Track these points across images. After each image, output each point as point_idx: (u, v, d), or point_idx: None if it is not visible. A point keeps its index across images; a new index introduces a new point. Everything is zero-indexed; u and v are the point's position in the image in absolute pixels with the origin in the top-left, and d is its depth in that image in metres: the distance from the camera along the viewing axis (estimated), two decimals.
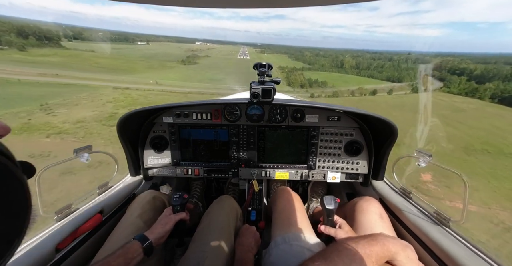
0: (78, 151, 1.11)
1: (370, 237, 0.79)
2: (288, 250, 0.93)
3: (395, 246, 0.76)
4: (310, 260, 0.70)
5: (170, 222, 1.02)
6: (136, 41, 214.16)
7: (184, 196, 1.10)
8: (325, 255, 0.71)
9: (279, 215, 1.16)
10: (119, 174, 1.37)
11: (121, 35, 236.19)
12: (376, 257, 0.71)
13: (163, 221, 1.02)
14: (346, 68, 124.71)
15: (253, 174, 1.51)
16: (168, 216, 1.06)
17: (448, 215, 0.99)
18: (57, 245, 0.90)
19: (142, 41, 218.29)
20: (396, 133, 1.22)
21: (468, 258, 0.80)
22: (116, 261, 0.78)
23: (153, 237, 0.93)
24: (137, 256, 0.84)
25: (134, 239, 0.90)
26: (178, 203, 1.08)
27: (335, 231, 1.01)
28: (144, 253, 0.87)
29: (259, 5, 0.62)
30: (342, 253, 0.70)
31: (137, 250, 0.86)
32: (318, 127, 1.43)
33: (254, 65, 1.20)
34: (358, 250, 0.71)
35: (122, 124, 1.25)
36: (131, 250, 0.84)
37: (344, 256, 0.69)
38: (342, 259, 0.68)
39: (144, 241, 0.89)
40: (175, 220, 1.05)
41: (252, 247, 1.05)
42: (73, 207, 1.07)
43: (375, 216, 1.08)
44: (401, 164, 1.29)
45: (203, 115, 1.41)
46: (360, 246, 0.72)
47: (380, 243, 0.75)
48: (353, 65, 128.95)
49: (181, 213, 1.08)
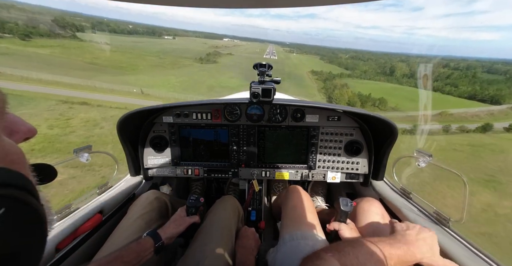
0: (78, 150, 1.12)
1: (395, 238, 0.74)
2: (295, 248, 0.93)
3: (421, 249, 0.71)
4: (323, 250, 0.69)
5: (184, 224, 1.03)
6: (163, 35, 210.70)
7: (200, 199, 1.10)
8: (338, 248, 0.68)
9: (289, 213, 1.15)
10: (119, 174, 1.37)
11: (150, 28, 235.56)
12: (397, 260, 0.68)
13: (178, 222, 1.03)
14: (397, 76, 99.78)
15: (253, 174, 1.52)
16: (183, 217, 1.06)
17: (448, 215, 0.99)
18: (57, 245, 0.90)
19: (169, 35, 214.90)
20: (396, 133, 1.21)
21: (468, 258, 0.79)
22: (129, 257, 0.79)
23: (165, 237, 0.94)
24: (148, 254, 0.85)
25: (148, 236, 0.90)
26: (194, 205, 1.08)
27: (339, 225, 1.01)
28: (155, 252, 0.88)
29: (259, 5, 0.61)
30: (357, 250, 0.67)
31: (150, 248, 0.86)
32: (318, 127, 1.43)
33: (254, 65, 1.20)
34: (376, 250, 0.67)
35: (122, 124, 1.25)
36: (144, 247, 0.85)
37: (359, 252, 0.66)
38: (356, 255, 0.65)
39: (157, 240, 0.90)
40: (189, 222, 1.05)
41: (253, 249, 1.06)
42: (73, 207, 1.07)
43: (376, 216, 1.07)
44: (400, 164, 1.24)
45: (203, 115, 1.41)
46: (380, 246, 0.69)
47: (404, 247, 0.70)
48: (406, 73, 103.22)
49: (195, 216, 1.09)
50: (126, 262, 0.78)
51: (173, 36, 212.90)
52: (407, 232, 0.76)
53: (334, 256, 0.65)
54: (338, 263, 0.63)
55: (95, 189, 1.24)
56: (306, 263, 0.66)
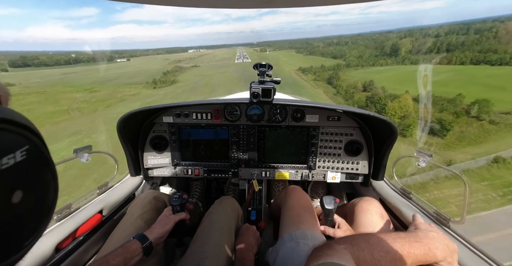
0: (78, 150, 1.11)
1: (415, 236, 0.70)
2: (294, 248, 0.92)
3: (443, 252, 0.68)
4: (336, 242, 0.68)
5: (169, 223, 1.03)
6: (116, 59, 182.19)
7: (183, 196, 1.10)
8: (353, 242, 0.66)
9: (288, 213, 1.14)
10: (119, 174, 1.36)
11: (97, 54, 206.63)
12: (415, 260, 0.64)
13: (163, 222, 1.03)
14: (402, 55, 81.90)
15: (253, 174, 1.51)
16: (167, 216, 1.06)
17: (448, 215, 0.99)
18: (57, 244, 0.90)
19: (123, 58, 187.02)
20: (396, 133, 1.21)
21: (468, 258, 0.80)
22: (115, 260, 0.79)
23: (153, 237, 0.93)
24: (136, 256, 0.85)
25: (134, 238, 0.90)
26: (178, 203, 1.08)
27: (334, 231, 1.01)
28: (144, 253, 0.87)
29: (260, 5, 0.61)
30: (372, 246, 0.64)
31: (137, 249, 0.86)
32: (318, 127, 1.42)
33: (254, 65, 1.19)
34: (393, 248, 0.64)
35: (122, 125, 1.25)
36: (130, 250, 0.84)
37: (375, 249, 0.64)
38: (371, 252, 0.63)
39: (144, 241, 0.90)
40: (174, 220, 1.05)
41: (252, 246, 1.06)
42: (73, 207, 1.07)
43: (375, 216, 1.07)
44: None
45: (203, 115, 1.41)
46: (398, 243, 0.66)
47: (425, 247, 0.67)
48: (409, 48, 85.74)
49: (180, 213, 1.09)
50: (112, 265, 0.77)
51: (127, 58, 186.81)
52: (431, 234, 0.73)
53: (347, 248, 0.62)
54: (350, 256, 0.60)
55: (95, 189, 1.23)
56: (316, 252, 0.65)
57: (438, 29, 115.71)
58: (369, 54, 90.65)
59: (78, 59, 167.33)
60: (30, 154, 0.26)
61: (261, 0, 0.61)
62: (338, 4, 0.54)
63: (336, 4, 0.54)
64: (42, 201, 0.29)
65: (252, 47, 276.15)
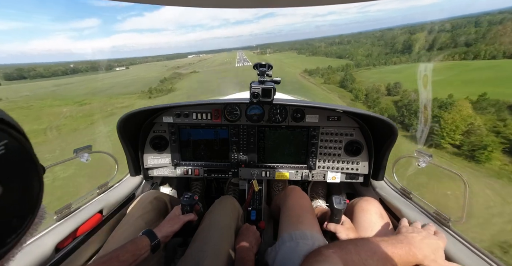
0: (78, 150, 1.11)
1: (399, 238, 0.76)
2: (294, 248, 0.92)
3: (423, 251, 0.72)
4: (324, 247, 0.69)
5: (179, 223, 1.03)
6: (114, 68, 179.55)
7: (194, 197, 1.11)
8: (341, 246, 0.69)
9: (287, 213, 1.14)
10: (119, 174, 1.36)
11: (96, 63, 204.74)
12: (399, 260, 0.68)
13: (173, 221, 1.03)
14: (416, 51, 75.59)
15: (253, 174, 1.51)
16: (177, 216, 1.06)
17: (448, 215, 0.98)
18: (57, 244, 0.90)
19: (122, 66, 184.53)
20: (396, 133, 1.21)
21: (468, 258, 0.80)
22: (124, 256, 0.79)
23: (161, 235, 0.94)
24: (144, 253, 0.85)
25: (143, 234, 0.91)
26: (188, 203, 1.08)
27: (335, 226, 1.02)
28: (151, 250, 0.88)
29: (260, 5, 0.62)
30: (359, 248, 0.68)
31: (146, 246, 0.86)
32: (318, 127, 1.43)
33: (254, 65, 1.20)
34: (378, 249, 0.68)
35: (122, 125, 1.25)
36: (139, 246, 0.85)
37: (362, 250, 0.67)
38: (359, 253, 0.66)
39: (153, 238, 0.90)
40: (184, 221, 1.05)
41: (252, 246, 1.06)
42: (73, 207, 1.07)
43: (375, 216, 1.08)
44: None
45: (203, 115, 1.41)
46: (382, 245, 0.70)
47: (406, 247, 0.71)
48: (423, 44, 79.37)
49: (190, 214, 1.09)
50: (122, 261, 0.78)
51: (126, 66, 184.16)
52: (411, 235, 0.78)
53: (336, 252, 0.65)
54: (339, 260, 0.63)
55: (95, 188, 1.23)
56: (308, 260, 0.66)
57: (444, 23, 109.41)
58: (378, 52, 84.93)
59: (76, 69, 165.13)
60: (10, 148, 0.26)
61: (261, 0, 0.61)
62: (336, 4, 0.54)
63: (335, 4, 0.54)
64: (24, 197, 0.28)
65: (251, 50, 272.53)
